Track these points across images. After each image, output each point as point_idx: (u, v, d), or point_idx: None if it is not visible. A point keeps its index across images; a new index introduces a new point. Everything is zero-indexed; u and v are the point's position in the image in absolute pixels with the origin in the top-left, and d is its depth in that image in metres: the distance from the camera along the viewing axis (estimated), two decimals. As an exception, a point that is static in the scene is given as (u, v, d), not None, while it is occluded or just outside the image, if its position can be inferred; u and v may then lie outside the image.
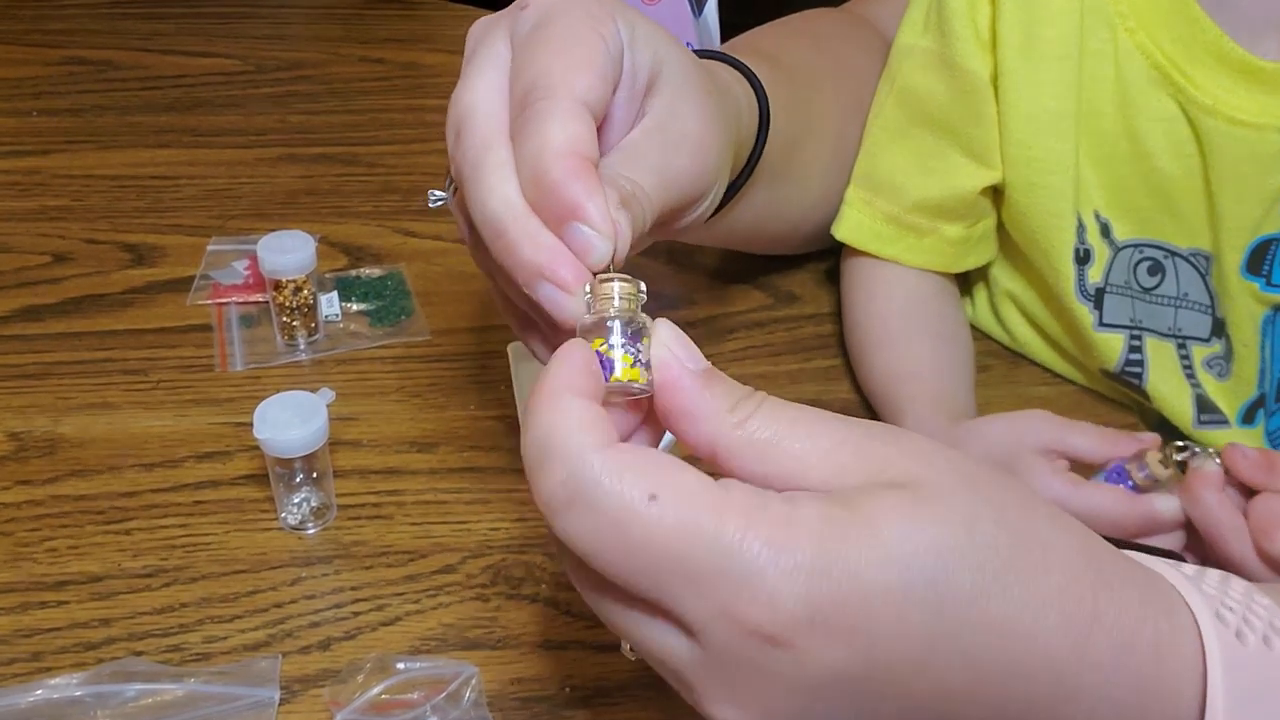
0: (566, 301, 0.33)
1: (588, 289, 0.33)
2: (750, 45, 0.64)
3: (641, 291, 0.33)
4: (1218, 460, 0.48)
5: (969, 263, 0.64)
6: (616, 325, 0.31)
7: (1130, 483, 0.51)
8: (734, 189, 0.52)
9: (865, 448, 0.29)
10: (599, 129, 0.36)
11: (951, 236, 0.62)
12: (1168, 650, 0.30)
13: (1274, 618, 0.31)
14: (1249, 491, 0.48)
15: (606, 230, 0.33)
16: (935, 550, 0.27)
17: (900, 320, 0.62)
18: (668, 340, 0.30)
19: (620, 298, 0.32)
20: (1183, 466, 0.49)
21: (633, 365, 0.31)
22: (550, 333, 0.36)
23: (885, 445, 0.29)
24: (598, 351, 0.31)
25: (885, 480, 0.29)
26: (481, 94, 0.36)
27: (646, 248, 0.45)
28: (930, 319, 0.63)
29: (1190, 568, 0.33)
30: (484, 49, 0.37)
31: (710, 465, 0.31)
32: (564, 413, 0.29)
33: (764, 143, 0.52)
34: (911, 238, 0.62)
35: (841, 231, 0.63)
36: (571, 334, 0.33)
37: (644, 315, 0.32)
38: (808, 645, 0.27)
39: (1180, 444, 0.49)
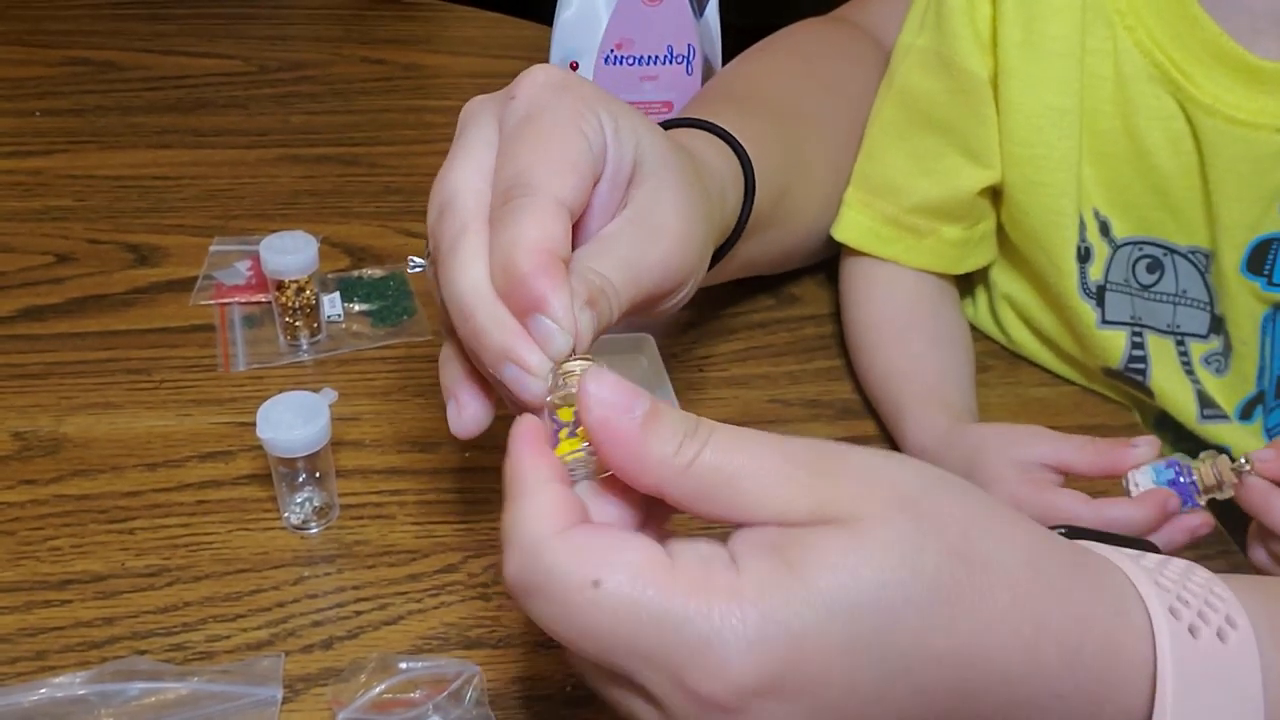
0: (530, 383, 0.35)
1: (549, 373, 0.35)
2: (733, 85, 0.64)
3: (591, 360, 0.35)
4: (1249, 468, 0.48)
5: (969, 264, 0.64)
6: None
7: (1191, 483, 0.50)
8: (722, 254, 0.53)
9: (808, 482, 0.30)
10: (580, 219, 0.38)
11: (951, 238, 0.62)
12: (1117, 650, 0.31)
13: (1231, 610, 0.32)
14: None
15: (568, 325, 0.35)
16: (877, 598, 0.28)
17: (899, 320, 0.63)
18: (600, 394, 0.30)
19: (582, 374, 0.34)
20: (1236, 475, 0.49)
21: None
22: (514, 408, 0.37)
23: (828, 476, 0.30)
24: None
25: (829, 515, 0.29)
26: (466, 177, 0.38)
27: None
28: (929, 319, 0.63)
29: (1153, 558, 0.33)
30: (473, 130, 0.39)
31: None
32: (524, 502, 0.30)
33: (749, 211, 0.53)
34: (911, 239, 0.62)
35: (841, 232, 0.64)
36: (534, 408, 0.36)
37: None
38: (762, 709, 0.28)
39: (1232, 460, 0.49)
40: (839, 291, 0.66)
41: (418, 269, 0.43)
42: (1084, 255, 0.59)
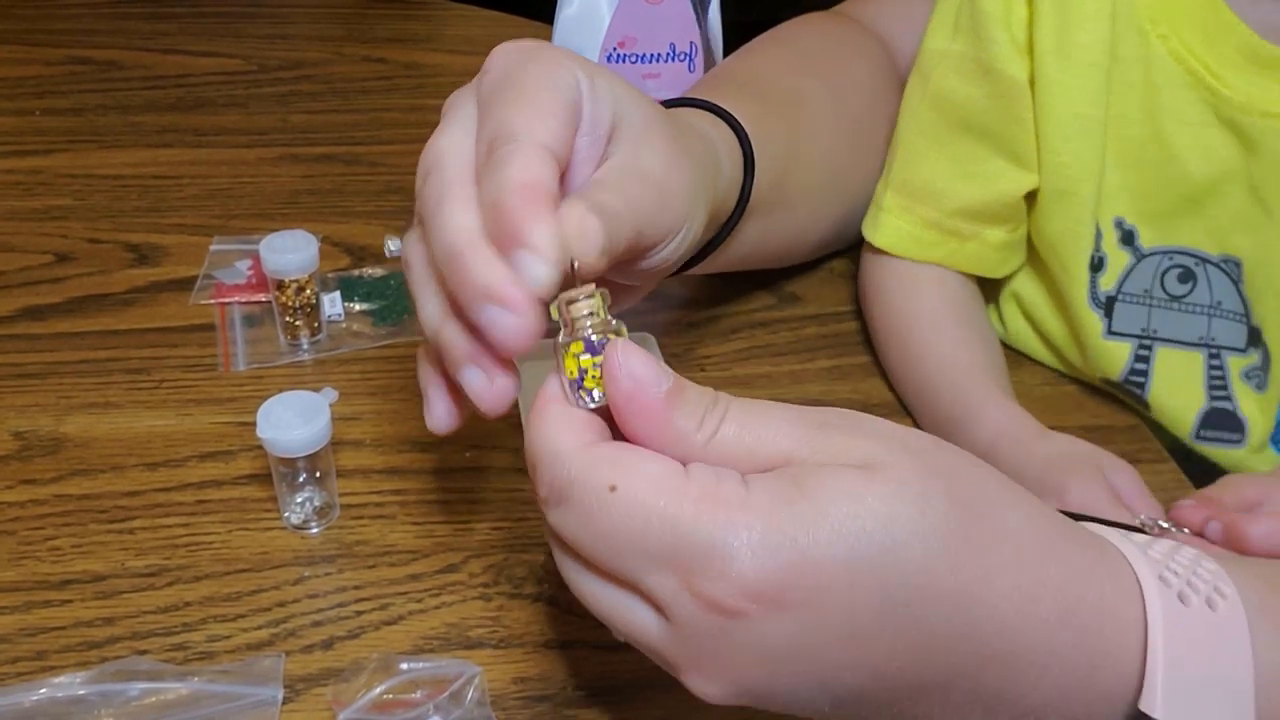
0: (508, 322, 0.34)
1: (555, 309, 0.34)
2: (732, 73, 0.64)
3: (607, 299, 0.34)
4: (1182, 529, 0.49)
5: (1008, 268, 0.64)
6: (590, 335, 0.33)
7: None
8: (725, 231, 0.53)
9: (821, 436, 0.31)
10: (564, 174, 0.38)
11: (994, 241, 0.62)
12: (1111, 611, 0.32)
13: (1219, 581, 0.33)
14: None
15: (549, 254, 0.34)
16: (884, 526, 0.29)
17: (950, 314, 0.62)
18: (627, 368, 0.31)
19: (590, 313, 0.33)
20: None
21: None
22: (492, 363, 0.37)
23: (844, 433, 0.32)
24: (582, 369, 0.33)
25: (842, 462, 0.31)
26: (451, 142, 0.38)
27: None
28: (979, 314, 0.64)
29: (1141, 537, 0.35)
30: (454, 110, 0.40)
31: None
32: (545, 421, 0.32)
33: (750, 185, 0.53)
34: (954, 243, 0.62)
35: (880, 238, 0.63)
36: (507, 363, 0.36)
37: (616, 322, 0.34)
38: (762, 618, 0.29)
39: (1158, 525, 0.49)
40: (866, 290, 0.65)
41: (395, 254, 0.44)
42: (1096, 265, 0.59)
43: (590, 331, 0.33)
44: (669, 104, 0.53)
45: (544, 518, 0.33)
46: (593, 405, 0.33)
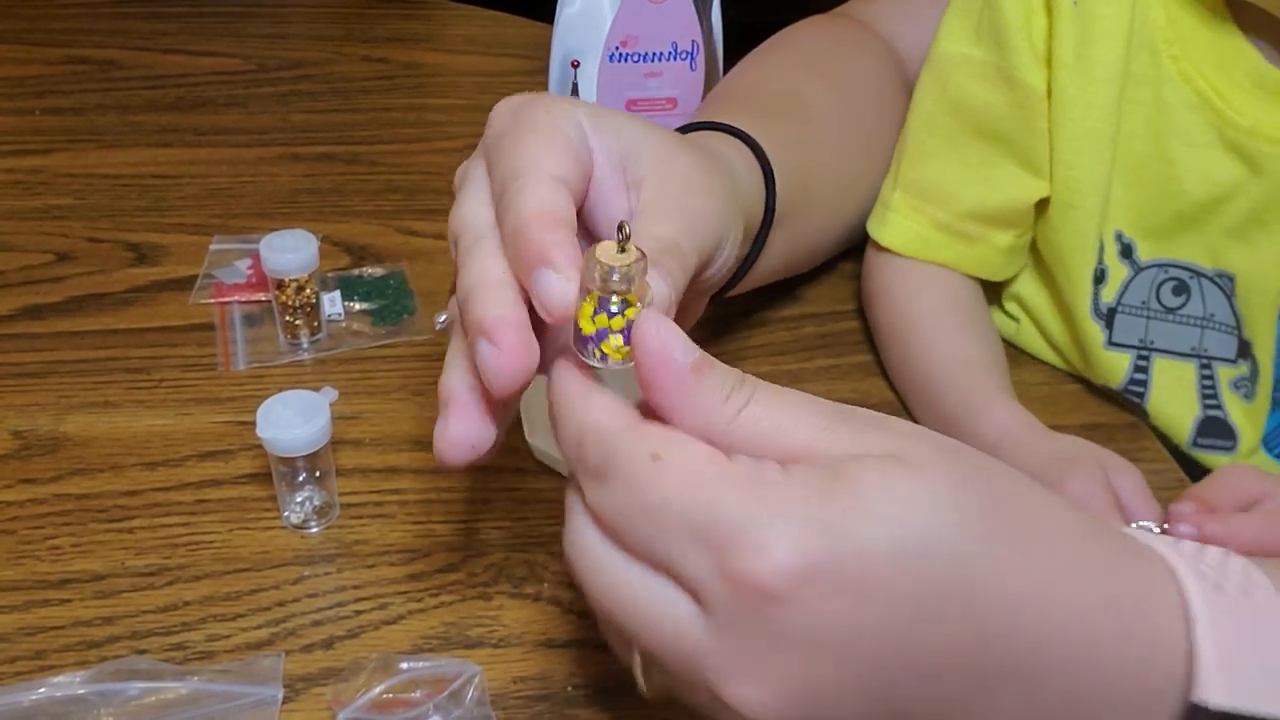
0: (488, 356, 0.34)
1: (589, 263, 0.33)
2: (735, 90, 0.65)
3: (645, 268, 0.33)
4: (1160, 528, 0.49)
5: (1011, 271, 0.64)
6: (613, 298, 0.32)
7: None
8: (758, 245, 0.53)
9: (851, 435, 0.31)
10: (592, 209, 0.39)
11: (1002, 245, 0.62)
12: (1150, 602, 0.32)
13: (1249, 572, 0.33)
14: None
15: (571, 273, 0.34)
16: (922, 513, 0.29)
17: (954, 313, 0.62)
18: (655, 332, 0.31)
19: (623, 285, 0.32)
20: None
21: (625, 344, 0.32)
22: (471, 414, 0.37)
23: (872, 429, 0.31)
24: (601, 328, 0.32)
25: (874, 453, 0.30)
26: (470, 207, 0.39)
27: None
28: (979, 313, 0.64)
29: (1168, 538, 0.34)
30: (465, 179, 0.40)
31: None
32: (592, 405, 0.32)
33: (774, 201, 0.53)
34: (962, 245, 0.62)
35: (887, 237, 0.63)
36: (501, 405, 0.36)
37: (647, 282, 0.33)
38: (802, 600, 0.29)
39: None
40: (869, 287, 0.65)
41: (444, 326, 0.43)
42: (1099, 277, 0.60)
43: (615, 299, 0.32)
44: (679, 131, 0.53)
45: (569, 510, 0.33)
46: (601, 365, 0.32)
